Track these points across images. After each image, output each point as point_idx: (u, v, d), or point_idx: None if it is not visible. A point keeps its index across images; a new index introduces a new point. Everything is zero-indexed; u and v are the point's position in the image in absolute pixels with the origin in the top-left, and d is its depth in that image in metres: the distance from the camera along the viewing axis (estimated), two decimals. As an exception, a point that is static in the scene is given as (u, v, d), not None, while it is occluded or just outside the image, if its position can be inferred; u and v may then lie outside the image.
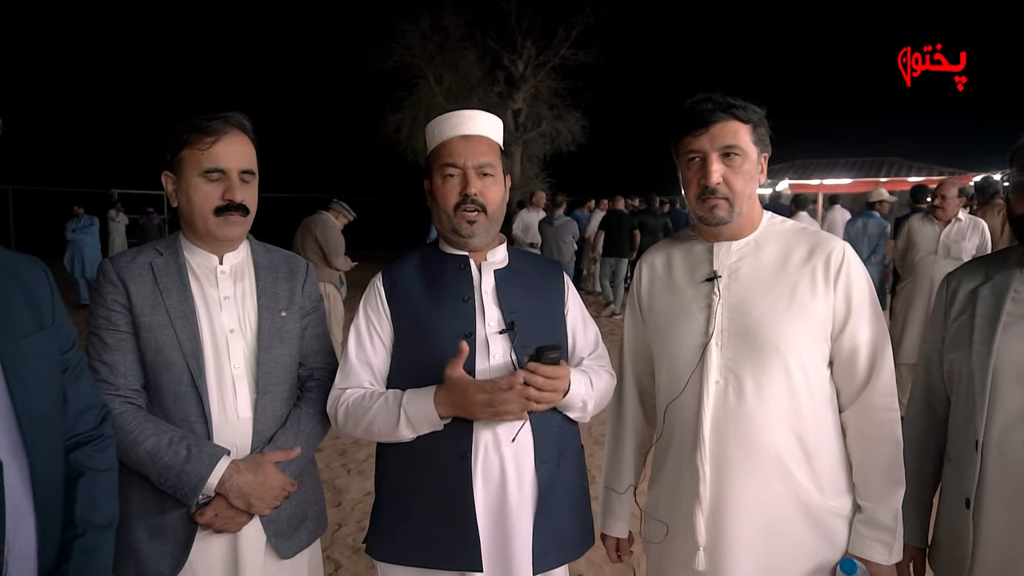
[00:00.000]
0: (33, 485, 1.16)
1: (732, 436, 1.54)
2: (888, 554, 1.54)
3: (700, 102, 1.56)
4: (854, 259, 1.58)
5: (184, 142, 1.61)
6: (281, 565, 1.68)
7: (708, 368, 1.56)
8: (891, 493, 1.55)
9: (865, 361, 1.55)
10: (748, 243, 1.62)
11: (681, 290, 1.66)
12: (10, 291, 1.23)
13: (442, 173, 1.65)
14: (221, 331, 1.64)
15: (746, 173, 1.55)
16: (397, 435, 1.61)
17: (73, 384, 1.32)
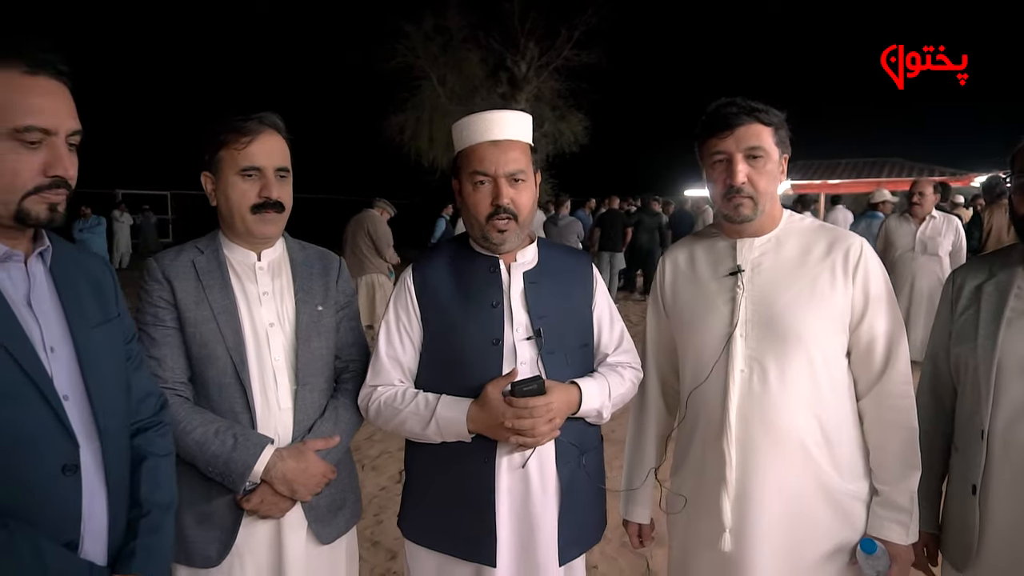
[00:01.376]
0: (105, 467, 1.24)
1: (757, 422, 1.61)
2: (905, 534, 1.61)
3: (725, 106, 1.63)
4: (871, 254, 1.66)
5: (221, 143, 1.66)
6: (321, 550, 1.74)
7: (733, 357, 1.63)
8: (907, 476, 1.63)
9: (882, 351, 1.63)
10: (770, 239, 1.69)
11: (705, 284, 1.73)
12: (81, 285, 1.30)
13: (472, 180, 1.67)
14: (261, 325, 1.70)
15: (769, 173, 1.63)
16: (425, 437, 1.68)
17: (134, 373, 1.39)
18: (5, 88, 1.13)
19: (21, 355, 1.14)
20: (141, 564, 1.25)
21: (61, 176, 1.18)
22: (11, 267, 1.20)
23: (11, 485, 1.11)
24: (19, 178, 1.15)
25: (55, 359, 1.20)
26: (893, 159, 19.39)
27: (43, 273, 1.25)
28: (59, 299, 1.25)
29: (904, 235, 5.28)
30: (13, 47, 1.14)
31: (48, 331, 1.21)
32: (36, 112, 1.15)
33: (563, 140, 19.81)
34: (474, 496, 1.65)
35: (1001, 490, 1.52)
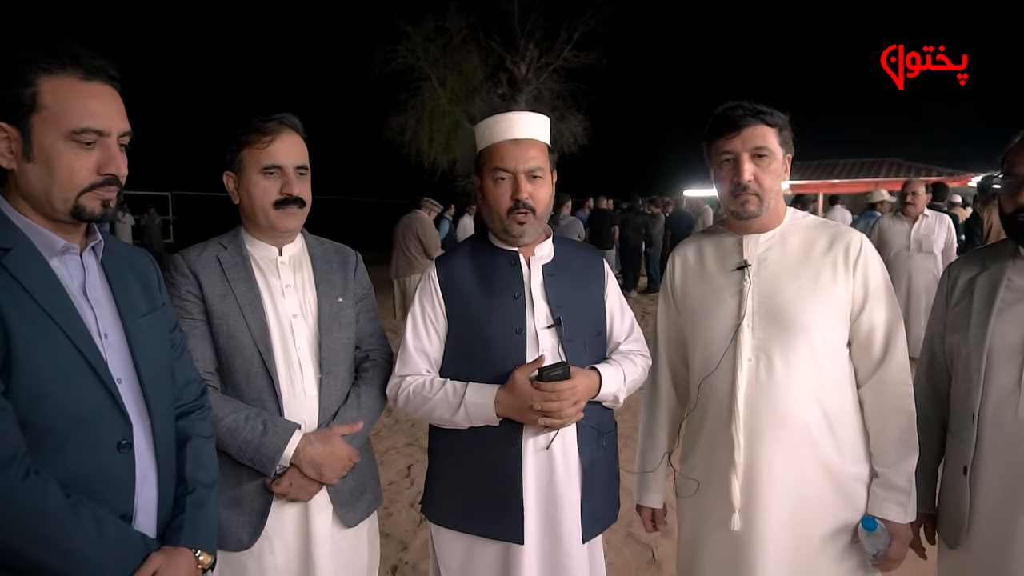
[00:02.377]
0: (155, 445, 1.32)
1: (764, 408, 1.69)
2: (904, 513, 1.70)
3: (732, 108, 1.72)
4: (870, 249, 1.75)
5: (243, 143, 1.74)
6: (345, 533, 1.82)
7: (741, 347, 1.72)
8: (905, 459, 1.72)
9: (881, 341, 1.72)
10: (774, 235, 1.78)
11: (714, 278, 1.82)
12: (129, 278, 1.39)
13: (493, 176, 1.76)
14: (285, 316, 1.78)
15: (773, 172, 1.72)
16: (454, 423, 1.76)
17: (178, 360, 1.48)
18: (64, 93, 1.22)
19: (79, 340, 1.22)
20: (188, 537, 1.34)
21: (114, 174, 1.27)
22: (68, 259, 1.29)
23: (72, 461, 1.20)
24: (76, 176, 1.23)
25: (109, 345, 1.29)
26: (891, 159, 19.51)
27: (95, 265, 1.34)
28: (110, 289, 1.34)
29: (899, 234, 5.37)
30: (71, 56, 1.23)
31: (102, 319, 1.29)
32: (91, 115, 1.24)
33: (563, 141, 19.86)
34: (502, 478, 1.74)
35: (989, 470, 1.61)
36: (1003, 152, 1.66)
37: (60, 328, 1.20)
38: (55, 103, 1.21)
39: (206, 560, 1.37)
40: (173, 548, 1.32)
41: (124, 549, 1.24)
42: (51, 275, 1.24)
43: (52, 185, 1.23)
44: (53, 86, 1.21)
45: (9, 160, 1.22)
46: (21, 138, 1.21)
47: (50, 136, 1.21)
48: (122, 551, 1.23)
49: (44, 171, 1.22)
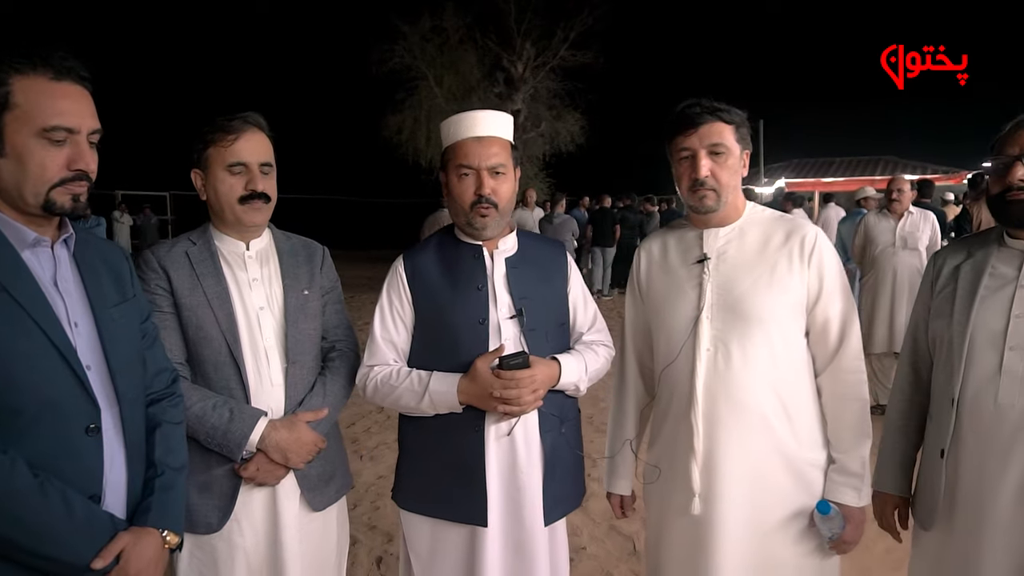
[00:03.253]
0: (123, 430, 1.38)
1: (722, 396, 1.74)
2: (857, 497, 1.76)
3: (690, 106, 1.77)
4: (825, 242, 1.80)
5: (209, 141, 1.80)
6: (313, 517, 1.88)
7: (700, 338, 1.77)
8: (859, 445, 1.77)
9: (836, 330, 1.77)
10: (734, 229, 1.83)
11: (676, 271, 1.87)
12: (101, 270, 1.44)
13: (457, 173, 1.82)
14: (252, 308, 1.84)
15: (730, 167, 1.77)
16: (419, 410, 1.82)
17: (149, 349, 1.53)
18: (35, 93, 1.27)
19: (49, 328, 1.27)
20: (156, 518, 1.39)
21: (83, 170, 1.32)
22: (39, 251, 1.34)
23: (42, 443, 1.25)
24: (47, 172, 1.29)
25: (78, 333, 1.34)
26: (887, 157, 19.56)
27: (67, 257, 1.39)
28: (82, 280, 1.39)
29: (884, 231, 5.40)
30: (42, 56, 1.28)
31: (72, 308, 1.34)
32: (61, 114, 1.29)
33: (560, 139, 19.92)
34: (466, 464, 1.80)
35: (966, 454, 1.63)
36: (993, 140, 1.69)
37: (30, 316, 1.25)
38: (27, 102, 1.26)
39: (173, 540, 1.42)
40: (141, 528, 1.37)
41: (92, 528, 1.29)
42: (22, 266, 1.29)
43: (24, 180, 1.28)
44: (25, 86, 1.26)
45: None
46: None
47: (22, 133, 1.26)
48: (90, 529, 1.28)
49: (16, 167, 1.27)
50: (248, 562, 1.79)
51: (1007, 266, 1.65)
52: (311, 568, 1.87)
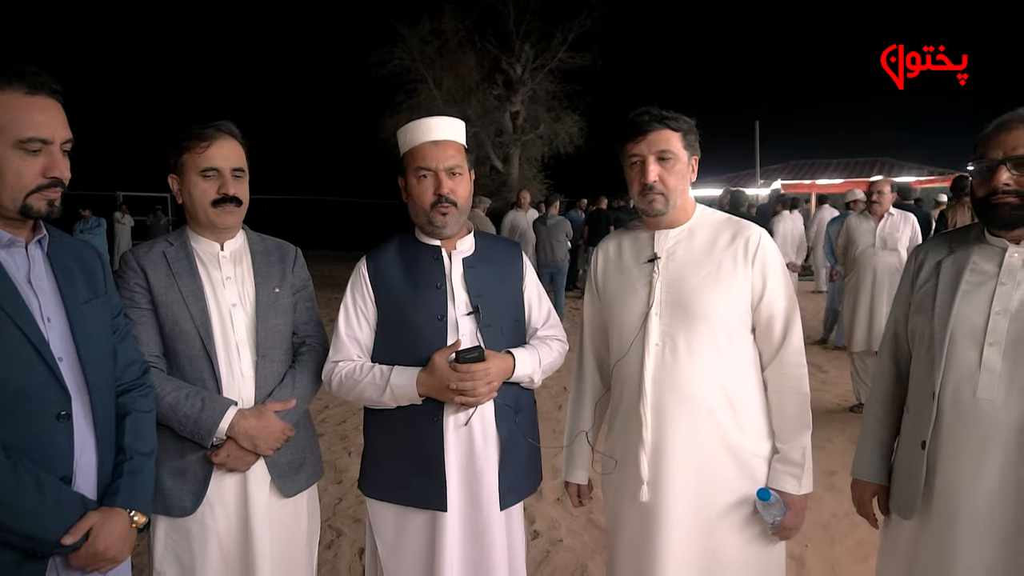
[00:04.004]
0: (93, 418, 1.48)
1: (669, 389, 1.84)
2: (798, 485, 1.84)
3: (639, 115, 1.86)
4: (769, 243, 1.89)
5: (184, 148, 1.90)
6: (284, 503, 1.98)
7: (649, 333, 1.86)
8: (800, 435, 1.86)
9: (780, 327, 1.86)
10: (683, 230, 1.92)
11: (629, 270, 1.96)
12: (74, 269, 1.55)
13: (416, 175, 1.91)
14: (225, 305, 1.94)
15: (678, 173, 1.85)
16: (381, 403, 1.92)
17: (121, 343, 1.63)
18: (10, 106, 1.37)
19: (23, 323, 1.38)
20: (124, 499, 1.50)
21: (57, 177, 1.43)
22: (14, 251, 1.44)
23: (15, 428, 1.36)
24: (23, 179, 1.39)
25: (51, 327, 1.44)
26: (884, 159, 19.62)
27: (41, 257, 1.49)
28: (55, 279, 1.49)
29: (865, 232, 5.49)
30: (16, 72, 1.38)
31: (45, 304, 1.45)
32: (36, 126, 1.39)
33: (558, 141, 20.03)
34: (426, 452, 1.90)
35: (946, 447, 1.67)
36: (975, 140, 1.71)
37: (4, 311, 1.36)
38: (3, 115, 1.36)
39: (140, 520, 1.53)
40: (110, 508, 1.47)
41: (62, 506, 1.39)
42: None
43: (2, 187, 1.38)
44: (1, 100, 1.37)
45: None
46: None
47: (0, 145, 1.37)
48: (60, 508, 1.39)
49: None
50: (221, 544, 1.90)
51: (988, 263, 1.68)
52: (281, 551, 1.97)
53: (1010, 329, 1.61)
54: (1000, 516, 1.61)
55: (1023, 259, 1.65)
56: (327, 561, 3.39)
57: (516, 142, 19.38)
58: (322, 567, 3.23)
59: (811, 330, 9.41)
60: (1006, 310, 1.63)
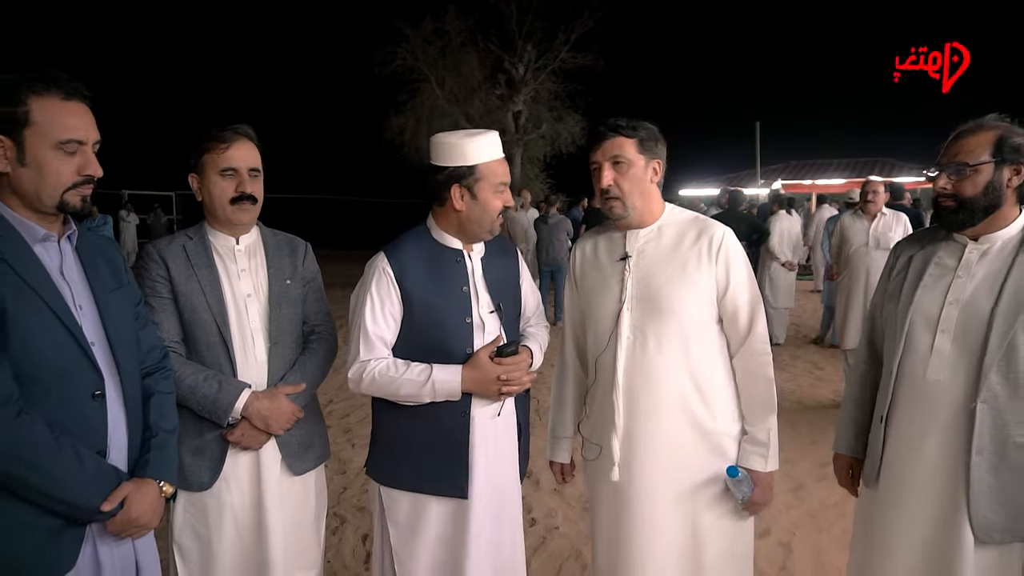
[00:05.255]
0: (124, 397, 1.62)
1: (639, 378, 1.98)
2: (764, 464, 1.99)
3: (598, 126, 2.02)
4: (732, 241, 2.02)
5: (204, 149, 2.04)
6: (293, 480, 2.12)
7: (621, 327, 2.00)
8: (766, 418, 2.01)
9: (745, 318, 2.00)
10: (652, 230, 2.05)
11: (604, 267, 2.10)
12: (99, 261, 1.68)
13: (496, 189, 2.01)
14: (240, 295, 2.08)
15: (632, 177, 1.98)
16: (417, 399, 2.00)
17: (142, 330, 1.77)
18: (49, 111, 1.51)
19: (59, 310, 1.51)
20: (153, 471, 1.64)
21: (91, 175, 1.56)
22: (48, 245, 1.58)
23: (56, 406, 1.49)
24: (62, 177, 1.52)
25: (83, 314, 1.57)
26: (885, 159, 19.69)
27: (71, 250, 1.62)
28: (84, 270, 1.63)
29: (858, 232, 5.60)
30: (53, 80, 1.52)
31: (77, 293, 1.58)
32: (72, 129, 1.53)
33: (560, 141, 20.15)
34: (453, 444, 2.02)
35: (898, 421, 1.87)
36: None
37: (43, 299, 1.49)
38: (43, 119, 1.50)
39: (168, 490, 1.67)
40: (141, 479, 1.61)
41: (100, 477, 1.53)
42: (34, 257, 1.53)
43: (42, 185, 1.52)
44: (41, 105, 1.50)
45: (5, 165, 1.50)
46: (16, 148, 1.49)
47: (40, 146, 1.50)
48: (98, 479, 1.53)
49: (36, 174, 1.51)
50: (235, 517, 2.04)
51: (950, 258, 1.85)
52: (292, 526, 2.11)
53: (959, 318, 1.77)
54: (933, 492, 1.78)
55: (979, 255, 1.80)
56: (332, 546, 3.53)
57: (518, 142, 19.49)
58: (327, 552, 3.38)
59: (809, 329, 9.53)
60: (958, 300, 1.78)
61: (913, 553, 1.82)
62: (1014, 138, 1.73)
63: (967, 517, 1.72)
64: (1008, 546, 1.73)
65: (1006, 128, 1.75)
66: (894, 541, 1.85)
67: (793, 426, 5.32)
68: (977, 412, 1.70)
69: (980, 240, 1.81)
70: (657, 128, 2.04)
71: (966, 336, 1.75)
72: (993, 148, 1.73)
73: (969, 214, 1.77)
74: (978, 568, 1.73)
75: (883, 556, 1.88)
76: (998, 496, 1.70)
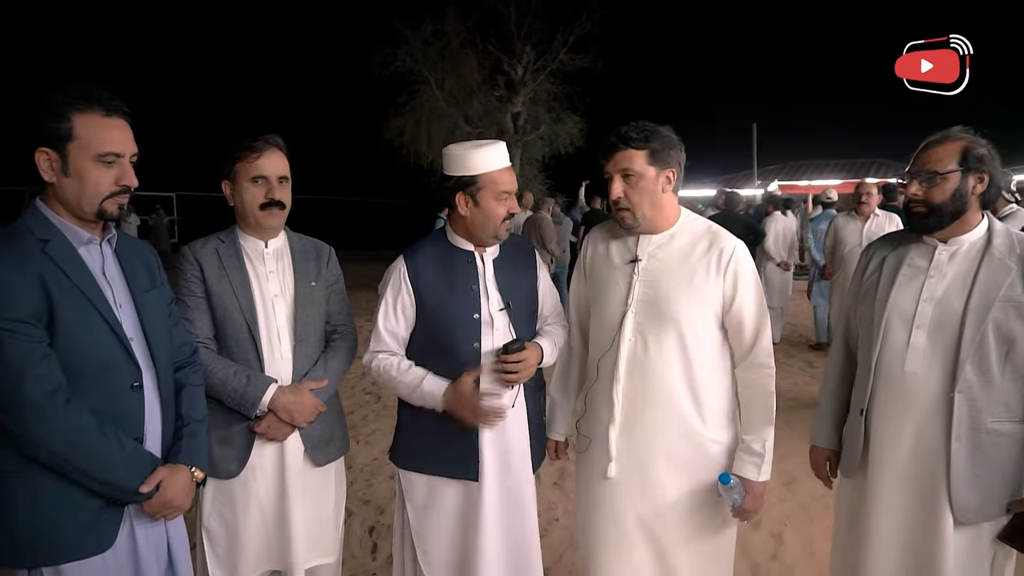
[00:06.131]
0: (159, 388, 1.75)
1: (638, 378, 2.07)
2: (758, 473, 2.06)
3: (609, 137, 2.07)
4: (743, 254, 2.08)
5: (237, 158, 2.18)
6: (315, 471, 2.25)
7: (625, 328, 2.08)
8: (764, 430, 2.08)
9: (750, 331, 2.07)
10: (665, 236, 2.11)
11: (614, 266, 2.17)
12: (136, 263, 1.81)
13: (499, 197, 2.13)
14: (268, 296, 2.21)
15: (642, 189, 2.03)
16: (410, 400, 2.20)
17: (174, 327, 1.90)
18: (91, 126, 1.63)
19: (102, 308, 1.64)
20: (185, 457, 1.77)
21: (127, 185, 1.69)
22: (91, 248, 1.71)
23: (99, 396, 1.62)
24: (101, 187, 1.65)
25: (123, 312, 1.70)
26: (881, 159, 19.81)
27: (111, 253, 1.76)
28: (122, 271, 1.76)
29: (852, 232, 5.74)
30: (96, 98, 1.64)
31: (117, 293, 1.71)
32: (111, 142, 1.65)
33: (559, 142, 20.18)
34: (463, 431, 2.14)
35: (878, 413, 1.98)
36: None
37: (87, 298, 1.62)
38: (86, 134, 1.62)
39: (199, 475, 1.80)
40: (174, 465, 1.75)
41: (139, 462, 1.67)
42: (79, 259, 1.66)
43: (83, 194, 1.64)
44: (83, 121, 1.63)
45: (51, 175, 1.63)
46: (60, 160, 1.62)
47: (82, 158, 1.63)
48: (137, 463, 1.66)
49: (77, 184, 1.64)
50: (260, 504, 2.18)
51: (922, 259, 1.97)
52: (313, 514, 2.24)
53: (934, 314, 1.90)
54: (914, 478, 1.91)
55: (949, 256, 1.93)
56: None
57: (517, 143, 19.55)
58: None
59: (805, 328, 9.66)
60: (932, 298, 1.91)
61: (896, 535, 1.94)
62: (977, 149, 1.87)
63: (947, 500, 1.84)
64: (980, 526, 1.86)
65: (970, 139, 1.88)
66: (878, 525, 1.97)
67: (788, 423, 5.43)
68: (955, 402, 1.83)
69: (949, 242, 1.93)
70: (672, 133, 2.06)
71: (941, 331, 1.88)
72: (960, 158, 1.86)
73: (938, 219, 1.90)
74: (956, 547, 1.85)
75: (868, 540, 2.00)
76: (973, 479, 1.83)
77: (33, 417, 1.52)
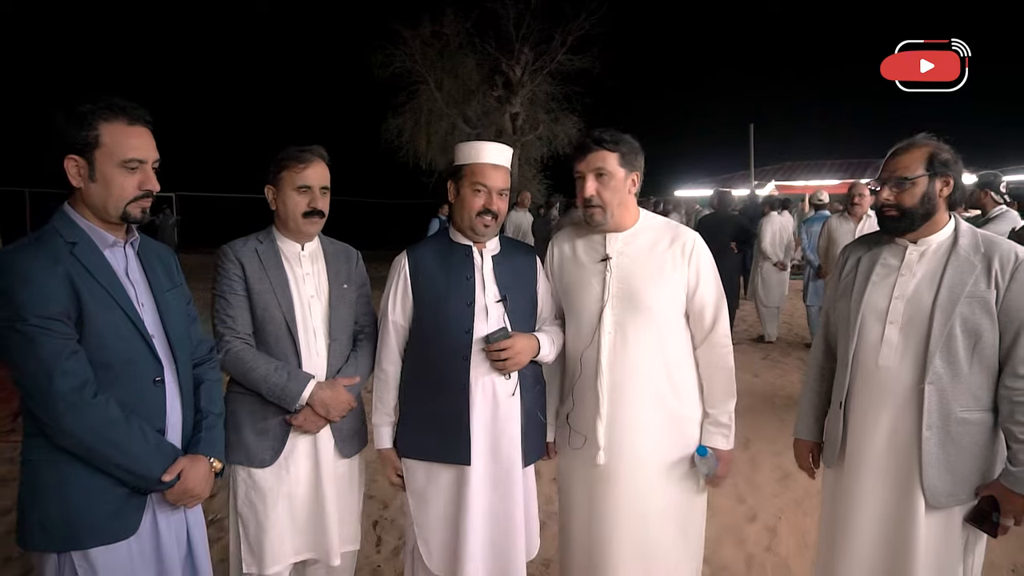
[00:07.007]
0: (179, 383, 1.84)
1: (619, 369, 2.21)
2: (726, 442, 2.25)
3: (583, 138, 2.22)
4: (701, 245, 2.26)
5: (283, 166, 2.28)
6: (343, 461, 2.39)
7: (604, 323, 2.22)
8: (726, 403, 2.26)
9: (710, 314, 2.25)
10: (629, 234, 2.27)
11: (584, 266, 2.31)
12: (156, 264, 1.91)
13: (473, 188, 2.24)
14: (305, 296, 2.33)
15: (613, 188, 2.19)
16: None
17: (192, 325, 2.00)
18: (116, 134, 1.73)
19: (126, 307, 1.74)
20: (205, 448, 1.88)
21: (150, 190, 1.79)
22: (115, 250, 1.80)
23: (125, 390, 1.73)
24: (125, 192, 1.75)
25: (145, 311, 1.80)
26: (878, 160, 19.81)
27: (133, 254, 1.85)
28: (144, 272, 1.85)
29: (845, 233, 5.84)
30: (120, 108, 1.74)
31: (139, 292, 1.81)
32: (135, 149, 1.75)
33: (557, 142, 20.26)
34: (454, 415, 2.25)
35: (855, 405, 2.11)
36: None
37: (113, 297, 1.72)
38: (111, 141, 1.72)
39: (217, 466, 1.91)
40: (194, 455, 1.85)
41: (161, 452, 1.77)
42: (105, 261, 1.76)
43: (108, 198, 1.74)
44: (109, 129, 1.72)
45: (78, 181, 1.73)
46: (88, 166, 1.72)
47: (108, 165, 1.72)
48: (160, 453, 1.76)
49: (103, 189, 1.73)
50: (290, 493, 2.29)
51: (894, 258, 2.09)
52: (340, 501, 2.36)
53: (905, 311, 2.02)
54: (890, 466, 2.03)
55: (919, 255, 2.04)
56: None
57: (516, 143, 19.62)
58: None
59: (801, 328, 9.76)
60: (903, 295, 2.03)
61: (874, 519, 2.06)
62: (942, 154, 1.98)
63: (920, 486, 1.96)
64: (952, 510, 1.98)
65: (935, 145, 2.00)
66: (856, 512, 2.09)
67: (782, 420, 5.55)
68: (925, 393, 1.95)
69: (919, 243, 2.05)
70: (638, 143, 2.23)
71: (911, 326, 2.00)
72: (926, 163, 1.98)
73: (909, 221, 2.02)
74: (928, 530, 1.97)
75: (847, 525, 2.12)
76: (945, 465, 1.95)
77: (63, 409, 1.62)
